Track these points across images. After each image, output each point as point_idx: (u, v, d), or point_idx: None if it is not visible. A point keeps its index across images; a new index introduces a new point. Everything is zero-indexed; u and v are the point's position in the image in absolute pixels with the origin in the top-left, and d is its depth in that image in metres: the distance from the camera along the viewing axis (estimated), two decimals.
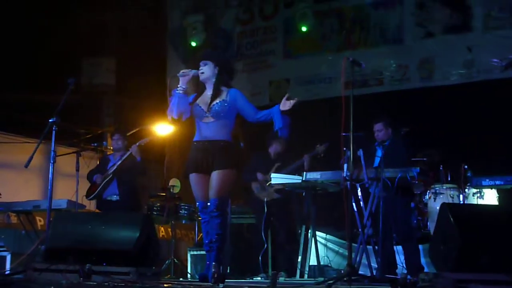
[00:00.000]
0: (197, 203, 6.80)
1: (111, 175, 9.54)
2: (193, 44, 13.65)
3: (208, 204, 6.58)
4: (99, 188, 9.56)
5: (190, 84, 6.80)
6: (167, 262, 9.72)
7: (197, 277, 6.31)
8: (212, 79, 6.83)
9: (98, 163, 10.24)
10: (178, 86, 6.73)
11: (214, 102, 6.71)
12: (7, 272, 7.10)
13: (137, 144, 9.58)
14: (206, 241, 6.58)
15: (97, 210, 9.88)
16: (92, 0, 14.70)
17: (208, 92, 6.82)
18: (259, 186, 9.74)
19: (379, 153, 8.42)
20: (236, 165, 6.70)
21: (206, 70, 6.82)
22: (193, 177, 6.73)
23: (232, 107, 6.77)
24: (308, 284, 6.10)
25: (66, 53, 13.84)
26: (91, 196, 9.67)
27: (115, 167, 9.56)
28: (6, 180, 12.63)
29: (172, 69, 13.85)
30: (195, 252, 10.40)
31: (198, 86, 6.94)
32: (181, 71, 6.79)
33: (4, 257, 9.21)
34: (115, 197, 9.58)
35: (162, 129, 11.64)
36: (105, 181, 9.54)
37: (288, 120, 6.93)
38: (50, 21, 13.69)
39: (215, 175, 6.57)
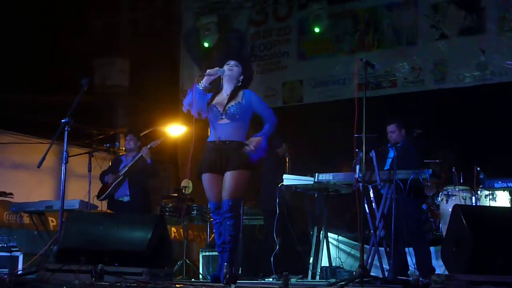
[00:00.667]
0: (210, 204, 6.79)
1: (122, 176, 9.54)
2: (206, 45, 13.65)
3: (221, 205, 6.57)
4: (110, 189, 9.56)
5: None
6: (179, 263, 9.73)
7: (209, 278, 6.31)
8: (235, 81, 6.83)
9: (110, 163, 10.24)
10: (202, 82, 6.68)
11: (230, 104, 6.69)
12: (19, 272, 7.11)
13: (148, 146, 9.57)
14: (219, 242, 6.57)
15: (108, 211, 9.88)
16: (106, 1, 14.75)
17: (225, 92, 6.81)
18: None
19: (391, 154, 8.41)
20: (250, 166, 6.66)
21: (235, 71, 6.83)
22: (206, 177, 6.71)
23: (248, 109, 6.75)
24: (320, 285, 6.10)
25: (80, 54, 13.89)
26: (102, 197, 9.67)
27: (126, 168, 9.56)
28: (19, 181, 12.69)
29: (184, 70, 13.87)
30: (207, 253, 10.42)
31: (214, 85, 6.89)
32: (208, 70, 6.73)
33: (17, 257, 9.26)
34: (126, 198, 9.58)
35: (175, 130, 11.65)
36: (116, 182, 9.54)
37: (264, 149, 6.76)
38: (64, 22, 13.74)
39: (229, 176, 6.55)
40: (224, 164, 6.59)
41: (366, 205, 7.74)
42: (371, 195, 7.97)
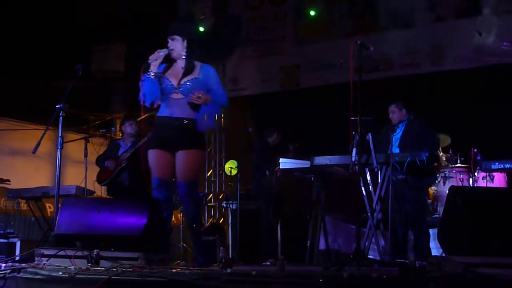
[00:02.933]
0: (153, 180, 6.53)
1: (125, 162, 9.45)
2: (201, 29, 13.60)
3: (161, 181, 6.42)
4: (113, 174, 9.49)
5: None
6: (176, 247, 9.73)
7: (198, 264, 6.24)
8: (182, 53, 6.58)
9: (106, 148, 10.21)
10: (149, 70, 6.45)
11: (186, 79, 6.48)
12: (17, 258, 7.11)
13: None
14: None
15: (107, 196, 9.87)
16: None
17: (179, 65, 6.59)
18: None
19: (397, 135, 8.43)
20: (203, 145, 6.56)
21: (176, 46, 6.57)
22: (153, 153, 6.50)
23: (203, 85, 6.51)
24: (317, 269, 6.09)
25: (76, 40, 13.83)
26: (105, 182, 9.61)
27: (128, 153, 9.49)
28: (16, 167, 12.67)
29: None
30: (205, 238, 10.41)
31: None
32: (152, 55, 6.47)
33: (14, 244, 9.26)
34: (126, 183, 9.55)
35: None
36: (119, 168, 9.47)
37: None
38: (60, 7, 13.67)
39: (182, 156, 6.37)
40: (177, 142, 6.40)
41: (363, 188, 7.74)
42: (368, 178, 7.96)
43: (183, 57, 6.57)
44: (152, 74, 6.44)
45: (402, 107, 8.72)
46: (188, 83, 6.45)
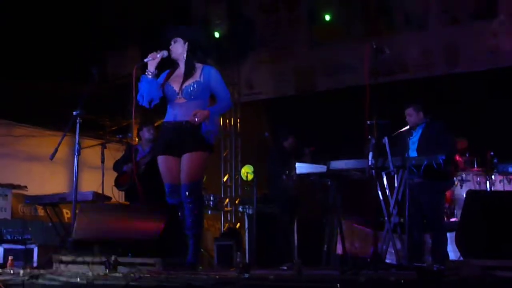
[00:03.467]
0: (165, 186, 6.51)
1: (144, 167, 9.40)
2: (216, 34, 13.63)
3: (179, 188, 6.37)
4: (132, 180, 9.42)
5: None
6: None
7: (187, 264, 6.19)
8: (183, 56, 6.56)
9: (124, 153, 10.21)
10: (147, 70, 6.44)
11: (187, 83, 6.45)
12: (34, 265, 7.15)
13: None
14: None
15: (124, 202, 9.88)
16: None
17: (181, 70, 6.57)
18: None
19: (415, 138, 8.40)
20: (207, 148, 6.44)
21: (176, 48, 6.55)
22: (161, 159, 6.49)
23: (206, 87, 6.49)
24: (334, 273, 6.08)
25: (92, 44, 13.88)
26: (124, 187, 9.59)
27: (147, 159, 9.42)
28: (33, 173, 12.74)
29: None
30: (221, 243, 10.43)
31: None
32: (149, 55, 6.46)
33: (32, 250, 9.30)
34: (145, 187, 9.51)
35: None
36: (138, 173, 9.41)
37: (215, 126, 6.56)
38: (75, 11, 13.73)
39: (186, 158, 6.34)
40: (181, 145, 6.37)
41: (379, 192, 7.72)
42: (385, 181, 7.94)
43: (184, 58, 6.56)
44: (149, 74, 6.44)
45: (420, 110, 8.63)
46: (189, 87, 6.43)
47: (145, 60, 6.47)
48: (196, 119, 6.28)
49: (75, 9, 13.71)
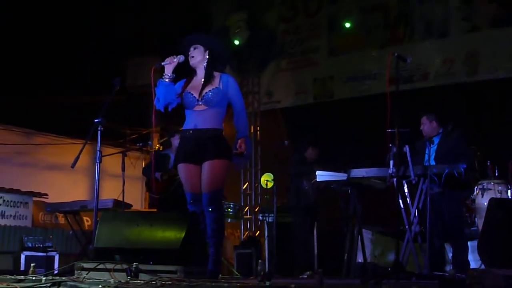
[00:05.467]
0: (186, 195, 6.48)
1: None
2: (236, 42, 13.65)
3: (200, 197, 6.34)
4: (172, 187, 9.39)
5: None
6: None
7: (208, 272, 6.18)
8: (203, 63, 6.53)
9: (153, 159, 10.17)
10: (164, 74, 6.42)
11: (207, 90, 6.40)
12: (55, 272, 7.16)
13: None
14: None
15: (144, 209, 9.89)
16: (136, 0, 14.82)
17: (199, 77, 6.52)
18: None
19: (433, 148, 8.36)
20: (228, 155, 6.38)
21: (197, 55, 6.51)
22: (182, 168, 6.45)
23: (224, 95, 6.44)
24: (355, 281, 6.06)
25: (111, 55, 13.96)
26: (160, 195, 9.55)
27: None
28: (53, 181, 12.81)
29: None
30: (241, 251, 10.42)
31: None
32: (166, 58, 6.45)
33: (53, 257, 9.34)
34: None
35: None
36: (176, 181, 9.37)
37: (249, 152, 6.57)
38: (95, 22, 13.82)
39: (207, 166, 6.30)
40: (202, 153, 6.33)
41: (400, 201, 7.69)
42: (406, 190, 7.91)
43: (204, 67, 6.53)
44: (166, 78, 6.42)
45: (433, 119, 8.57)
46: (209, 94, 6.39)
47: (163, 63, 6.45)
48: (243, 150, 6.34)
49: (95, 20, 13.80)
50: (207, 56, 6.53)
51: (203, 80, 6.48)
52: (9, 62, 12.75)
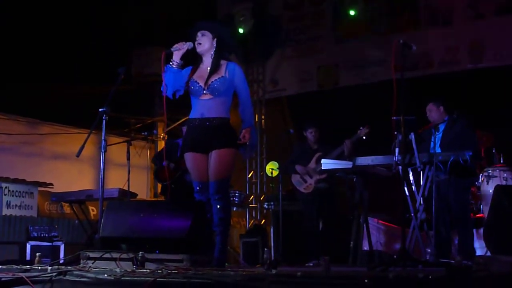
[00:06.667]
0: (193, 183, 6.49)
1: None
2: (241, 31, 13.62)
3: (207, 185, 6.36)
4: (177, 175, 9.42)
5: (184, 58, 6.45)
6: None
7: (214, 260, 6.18)
8: (210, 51, 6.49)
9: (164, 147, 10.18)
10: (172, 60, 6.40)
11: (213, 79, 6.37)
12: (61, 261, 7.18)
13: None
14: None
15: (149, 198, 9.90)
16: None
17: (206, 65, 6.50)
18: (298, 178, 9.79)
19: (439, 135, 8.34)
20: (235, 144, 6.38)
21: (204, 42, 6.46)
22: (189, 156, 6.45)
23: (231, 84, 6.42)
24: (362, 269, 6.07)
25: (117, 44, 13.95)
26: (165, 182, 9.56)
27: None
28: (59, 171, 12.83)
29: None
30: (247, 239, 10.43)
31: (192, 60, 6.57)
32: (176, 44, 6.42)
33: (58, 247, 9.36)
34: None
35: None
36: (180, 171, 9.37)
37: (254, 142, 6.59)
38: (101, 13, 13.81)
39: (214, 155, 6.31)
40: (209, 142, 6.33)
41: (406, 188, 7.67)
42: (411, 177, 7.90)
43: (211, 55, 6.49)
44: (174, 64, 6.40)
45: (440, 105, 8.55)
46: (215, 83, 6.37)
47: (172, 49, 6.41)
48: (247, 140, 6.34)
49: (102, 9, 13.78)
50: (215, 44, 6.50)
51: (209, 68, 6.46)
52: (14, 52, 12.76)
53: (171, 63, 6.43)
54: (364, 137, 9.34)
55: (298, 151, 10.14)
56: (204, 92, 6.38)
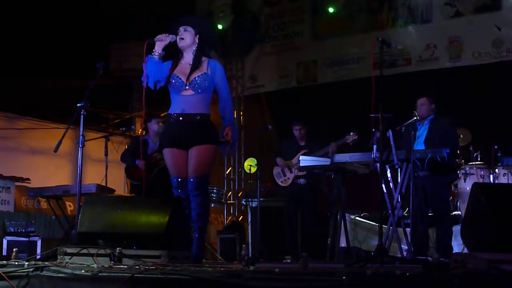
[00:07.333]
0: (172, 179, 6.48)
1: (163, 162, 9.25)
2: (220, 27, 13.59)
3: (186, 181, 6.35)
4: (152, 174, 9.32)
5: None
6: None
7: (192, 256, 6.17)
8: (192, 47, 6.47)
9: (132, 144, 10.16)
10: (154, 51, 6.36)
11: (195, 75, 6.36)
12: (38, 257, 7.14)
13: None
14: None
15: (126, 194, 9.86)
16: None
17: (187, 61, 6.48)
18: (279, 170, 9.82)
19: (421, 131, 8.34)
20: (215, 140, 6.38)
21: (187, 37, 6.44)
22: (168, 152, 6.44)
23: (212, 81, 6.41)
24: (339, 266, 6.08)
25: (95, 38, 13.88)
26: (139, 181, 9.46)
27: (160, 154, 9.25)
28: (36, 166, 12.76)
29: None
30: (224, 236, 10.43)
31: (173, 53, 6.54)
32: (159, 35, 6.38)
33: (35, 242, 9.31)
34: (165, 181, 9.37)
35: None
36: (157, 167, 9.29)
37: (235, 139, 6.59)
38: (78, 6, 13.73)
39: (194, 152, 6.30)
40: (190, 138, 6.33)
41: (383, 185, 7.70)
42: (389, 175, 7.93)
43: (192, 51, 6.48)
44: (156, 54, 6.36)
45: (433, 103, 8.55)
46: (197, 79, 6.35)
47: (155, 39, 6.38)
48: (230, 139, 6.37)
49: (80, 3, 13.71)
50: (197, 41, 6.49)
51: (190, 64, 6.44)
52: None
53: (152, 53, 6.38)
54: (350, 144, 9.35)
55: (286, 145, 10.16)
56: (186, 88, 6.37)
